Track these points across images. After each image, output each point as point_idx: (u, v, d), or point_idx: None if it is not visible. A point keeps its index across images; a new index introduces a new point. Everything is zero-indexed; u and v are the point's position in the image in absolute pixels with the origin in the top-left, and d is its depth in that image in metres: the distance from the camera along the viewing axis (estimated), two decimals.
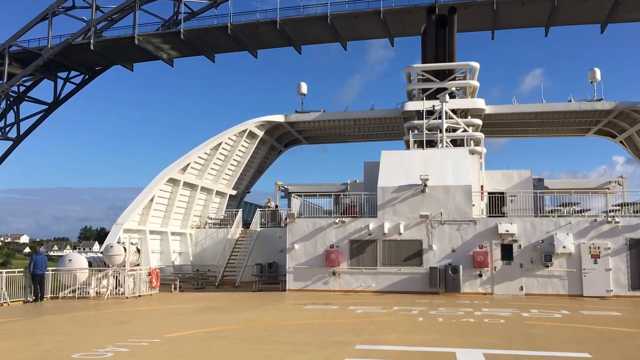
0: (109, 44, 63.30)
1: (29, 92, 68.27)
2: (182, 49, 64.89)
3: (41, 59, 62.35)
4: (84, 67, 67.68)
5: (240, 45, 63.90)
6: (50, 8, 62.86)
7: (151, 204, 32.70)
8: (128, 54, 65.65)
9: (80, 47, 62.73)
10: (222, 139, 37.47)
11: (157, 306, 21.94)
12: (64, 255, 27.17)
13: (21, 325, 17.13)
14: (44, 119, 68.24)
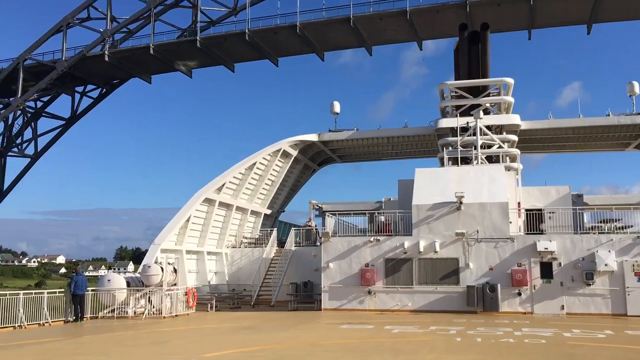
0: (124, 54, 61.19)
1: (47, 107, 66.73)
2: (200, 59, 62.38)
3: (55, 72, 60.50)
4: (101, 80, 65.56)
5: (259, 53, 60.94)
6: (65, 20, 61.02)
7: (187, 224, 33.11)
8: (144, 66, 63.30)
9: (95, 58, 60.78)
10: (256, 158, 37.84)
11: (194, 326, 22.11)
12: (103, 276, 27.68)
13: (62, 345, 17.47)
14: (61, 134, 66.55)
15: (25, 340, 17.77)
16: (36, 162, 65.73)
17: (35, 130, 65.96)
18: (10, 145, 64.22)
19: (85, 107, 67.39)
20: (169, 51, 61.10)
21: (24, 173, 66.23)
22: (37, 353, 15.42)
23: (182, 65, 63.18)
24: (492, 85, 39.60)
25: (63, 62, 60.56)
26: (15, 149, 64.75)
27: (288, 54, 62.42)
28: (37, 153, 65.47)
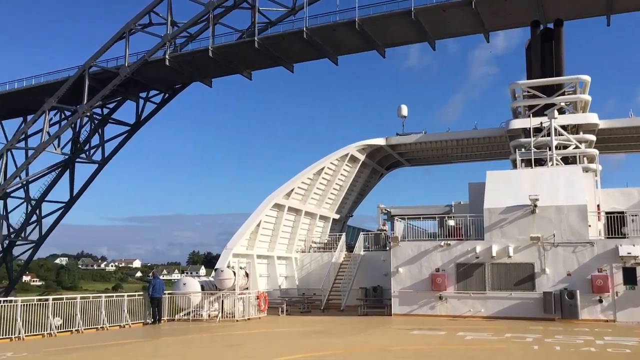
0: (184, 58, 60.76)
1: (113, 114, 67.71)
2: (259, 60, 61.06)
3: (119, 78, 60.70)
4: (163, 85, 65.46)
5: (318, 52, 59.14)
6: (127, 26, 61.19)
7: (258, 229, 33.70)
8: (204, 69, 62.48)
9: (156, 63, 60.64)
10: (324, 163, 38.06)
11: (266, 329, 22.46)
12: (179, 280, 28.61)
13: (142, 346, 18.18)
14: (127, 140, 67.43)
15: (108, 342, 18.62)
16: (104, 167, 67.07)
17: (102, 137, 67.12)
18: (78, 152, 65.71)
19: (148, 113, 67.47)
20: (228, 53, 60.12)
21: (93, 178, 67.69)
22: (118, 354, 16.12)
23: (242, 67, 62.04)
24: (567, 84, 38.10)
25: (126, 68, 60.99)
26: (84, 155, 65.99)
27: (348, 52, 60.45)
28: (104, 159, 66.68)
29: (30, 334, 19.74)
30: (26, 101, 65.51)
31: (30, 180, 65.13)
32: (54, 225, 66.95)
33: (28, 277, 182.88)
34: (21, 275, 71.71)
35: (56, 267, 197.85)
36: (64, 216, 66.65)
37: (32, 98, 64.27)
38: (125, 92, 64.45)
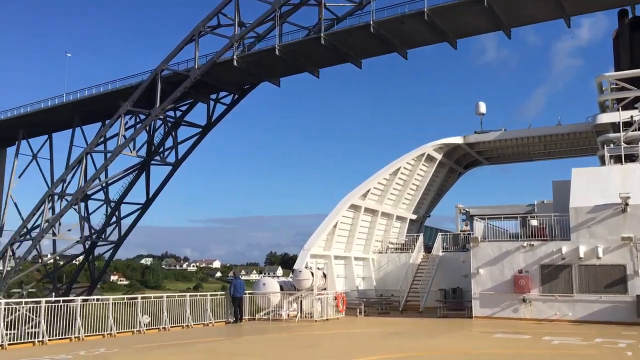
0: (251, 58, 60.24)
1: (185, 116, 67.75)
2: (326, 57, 59.59)
3: (189, 80, 60.99)
4: (232, 86, 65.23)
5: (387, 46, 56.87)
6: (196, 29, 61.35)
7: (335, 229, 33.83)
8: (272, 68, 61.76)
9: (225, 65, 60.40)
10: (400, 163, 37.70)
11: (344, 330, 22.52)
12: (259, 280, 29.22)
13: (225, 344, 18.72)
14: (199, 142, 67.27)
15: (193, 339, 19.29)
16: (177, 169, 68.11)
17: (175, 139, 67.37)
18: (153, 154, 66.94)
19: (219, 114, 67.64)
20: (295, 51, 58.94)
21: (167, 180, 68.73)
22: (204, 351, 16.67)
23: (309, 65, 60.68)
24: None
25: (196, 70, 61.12)
26: (158, 158, 67.16)
27: (417, 45, 58.13)
28: (177, 160, 67.57)
29: (121, 331, 20.75)
30: (104, 106, 67.09)
31: (109, 183, 67.14)
32: (132, 226, 69.11)
33: (115, 277, 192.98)
34: (102, 274, 74.65)
35: (141, 267, 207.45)
36: (142, 217, 68.52)
37: (109, 103, 66.05)
38: (196, 94, 65.03)
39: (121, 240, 68.15)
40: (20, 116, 72.30)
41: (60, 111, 70.24)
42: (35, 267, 71.40)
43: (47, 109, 70.72)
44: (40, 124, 72.87)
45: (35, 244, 62.61)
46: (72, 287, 69.15)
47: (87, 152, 65.24)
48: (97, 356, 15.55)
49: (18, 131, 73.59)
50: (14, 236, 65.34)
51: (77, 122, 70.41)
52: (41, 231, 62.64)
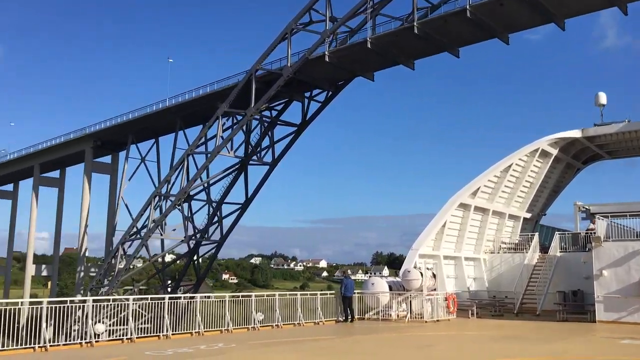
0: (343, 53, 57.92)
1: (281, 115, 66.57)
2: (420, 47, 56.00)
3: (282, 78, 59.39)
4: (326, 82, 63.31)
5: (486, 32, 52.59)
6: (288, 26, 60.07)
7: (443, 229, 33.12)
8: (365, 62, 59.03)
9: (317, 61, 58.50)
10: (512, 160, 36.19)
11: (456, 332, 22.00)
12: (367, 280, 29.28)
13: (336, 343, 18.94)
14: (294, 141, 66.31)
15: (304, 337, 19.71)
16: (274, 169, 67.39)
17: (272, 139, 66.60)
18: (250, 154, 66.67)
19: (313, 112, 66.02)
20: (387, 43, 55.57)
21: (265, 180, 68.38)
22: (315, 349, 16.99)
23: (403, 57, 57.34)
24: None
25: (288, 68, 59.62)
26: (255, 158, 66.83)
27: (520, 28, 53.44)
28: (274, 160, 66.55)
29: (236, 327, 21.64)
30: (204, 108, 67.83)
31: (210, 183, 68.06)
32: (233, 226, 69.66)
33: (227, 275, 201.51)
34: (207, 272, 75.59)
35: (251, 267, 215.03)
36: (242, 217, 69.00)
37: (208, 105, 66.62)
38: (290, 92, 63.95)
39: (223, 240, 69.08)
40: (128, 122, 75.03)
41: (164, 115, 72.17)
42: (144, 265, 75.26)
43: (151, 113, 72.71)
44: (147, 128, 75.17)
45: (143, 243, 64.88)
46: (179, 285, 71.37)
47: (188, 153, 65.81)
48: (216, 350, 16.32)
49: (128, 136, 76.53)
50: (124, 236, 67.70)
51: (179, 125, 72.22)
52: (148, 231, 64.72)
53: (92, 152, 78.31)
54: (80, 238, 78.03)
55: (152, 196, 66.96)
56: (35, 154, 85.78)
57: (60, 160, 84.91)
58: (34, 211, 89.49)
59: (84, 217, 78.00)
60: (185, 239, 66.53)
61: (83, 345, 17.36)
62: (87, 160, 78.63)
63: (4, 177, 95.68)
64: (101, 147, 78.47)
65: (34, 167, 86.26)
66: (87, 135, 78.01)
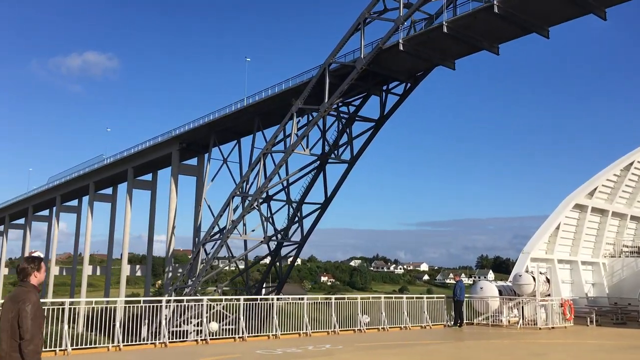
0: (418, 39, 53.15)
1: (359, 111, 63.36)
2: (503, 29, 50.79)
3: (355, 71, 55.48)
4: (403, 74, 58.94)
5: (579, 7, 47.21)
6: (361, 16, 56.26)
7: (557, 231, 31.46)
8: (443, 49, 54.26)
9: (391, 50, 54.23)
10: (634, 157, 33.66)
11: (574, 340, 20.80)
12: (476, 284, 28.40)
13: (445, 348, 18.56)
14: (372, 137, 62.98)
15: (411, 341, 19.47)
16: (353, 166, 64.18)
17: (350, 135, 63.66)
18: (328, 152, 63.49)
19: (392, 106, 61.98)
20: (466, 26, 50.66)
21: (344, 178, 65.25)
22: (423, 353, 16.74)
23: (485, 41, 52.37)
24: None
25: (362, 60, 55.43)
26: (333, 155, 63.54)
27: (616, 2, 47.55)
28: (353, 158, 63.65)
29: (343, 329, 21.80)
30: (280, 106, 64.26)
31: (289, 183, 66.17)
32: (313, 226, 67.29)
33: (325, 277, 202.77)
34: (288, 274, 73.75)
35: (350, 269, 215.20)
36: (322, 217, 66.67)
37: (284, 103, 63.75)
38: (366, 86, 59.65)
39: (304, 240, 67.28)
40: (209, 123, 73.41)
41: (241, 115, 70.24)
42: (224, 266, 73.32)
43: (230, 114, 70.95)
44: (228, 129, 73.48)
45: (222, 243, 63.27)
46: (262, 286, 70.34)
47: (264, 152, 63.46)
48: (324, 351, 16.54)
49: (210, 137, 75.59)
50: (205, 236, 66.76)
51: (257, 124, 69.60)
52: (226, 231, 63.38)
53: (179, 154, 78.68)
54: (168, 239, 78.82)
55: (230, 196, 65.30)
56: (128, 158, 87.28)
57: (152, 163, 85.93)
58: (128, 213, 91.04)
59: (171, 219, 78.59)
60: (264, 240, 65.51)
61: (199, 342, 18.26)
62: (174, 163, 79.04)
63: (103, 181, 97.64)
64: (187, 149, 78.49)
65: (128, 170, 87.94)
66: (173, 138, 78.51)
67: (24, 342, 6.04)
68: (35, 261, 6.50)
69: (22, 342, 6.04)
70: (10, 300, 6.29)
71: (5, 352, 6.07)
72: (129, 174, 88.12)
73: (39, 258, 6.67)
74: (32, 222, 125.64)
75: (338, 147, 63.67)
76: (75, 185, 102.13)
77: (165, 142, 79.90)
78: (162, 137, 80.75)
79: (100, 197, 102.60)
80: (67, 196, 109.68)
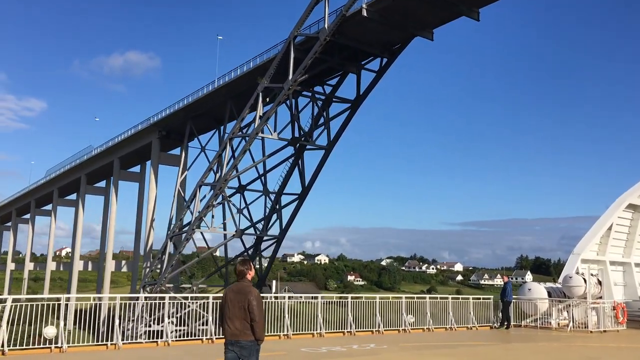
0: (385, 4, 45.80)
1: (337, 91, 57.18)
2: None
3: (319, 43, 48.94)
4: (377, 47, 52.19)
5: None
6: None
7: (609, 232, 30.51)
8: (417, 16, 47.71)
9: (355, 18, 47.61)
10: None
11: (627, 344, 20.14)
12: (524, 285, 27.82)
13: (492, 350, 18.24)
14: (349, 119, 57.03)
15: (457, 341, 19.23)
16: (330, 152, 58.48)
17: (327, 118, 57.60)
18: (301, 137, 57.46)
19: (368, 84, 55.50)
20: None
21: (321, 166, 59.37)
22: (469, 355, 16.50)
23: (462, 4, 45.90)
24: None
25: (325, 30, 49.01)
26: (305, 140, 57.43)
27: None
28: (330, 143, 57.66)
29: (387, 328, 21.69)
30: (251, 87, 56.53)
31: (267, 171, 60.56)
32: (291, 219, 60.85)
33: (352, 277, 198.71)
34: (268, 271, 66.18)
35: (378, 268, 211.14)
36: (300, 209, 60.30)
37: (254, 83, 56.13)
38: (335, 61, 53.03)
39: (282, 234, 61.02)
40: (184, 107, 67.34)
41: (214, 98, 63.70)
42: (193, 262, 69.02)
43: (203, 96, 64.60)
44: (205, 115, 67.00)
45: (187, 237, 57.96)
46: None
47: (230, 137, 57.58)
48: (368, 351, 16.51)
49: (186, 124, 68.89)
50: (172, 229, 61.92)
51: (230, 107, 62.55)
52: (191, 224, 57.95)
53: (159, 143, 73.62)
54: (146, 233, 72.89)
55: (197, 186, 59.94)
56: (113, 148, 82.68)
57: (138, 154, 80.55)
58: (113, 205, 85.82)
59: (150, 211, 73.14)
60: (236, 234, 60.59)
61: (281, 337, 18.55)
62: (154, 152, 73.90)
63: (94, 173, 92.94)
64: (168, 137, 72.87)
65: (114, 161, 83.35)
66: (152, 125, 72.93)
67: (255, 323, 8.20)
68: (247, 263, 8.60)
69: (254, 323, 8.20)
70: (238, 293, 8.36)
71: (240, 330, 8.25)
72: (115, 165, 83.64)
73: (249, 260, 8.78)
74: (35, 217, 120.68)
75: (313, 131, 57.60)
76: (68, 178, 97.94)
77: (145, 130, 74.76)
78: (142, 125, 75.56)
79: (94, 190, 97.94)
80: (64, 190, 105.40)
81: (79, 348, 16.09)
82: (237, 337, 8.29)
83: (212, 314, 18.05)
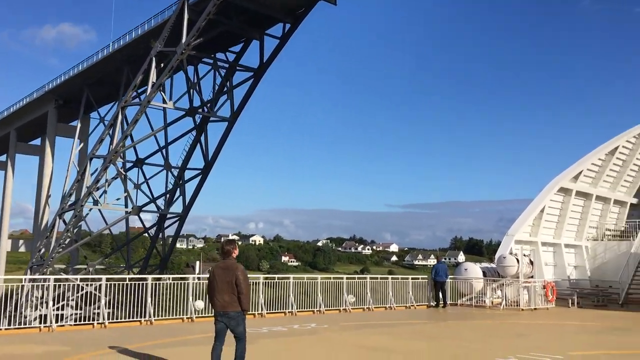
0: None
1: (240, 59, 54.87)
2: None
3: (212, 2, 45.84)
4: (279, 11, 49.88)
5: None
6: None
7: (542, 214, 31.83)
8: None
9: None
10: (618, 142, 34.02)
11: (555, 321, 21.14)
12: (460, 265, 28.71)
13: (429, 328, 18.79)
14: (253, 89, 54.35)
15: (396, 320, 19.67)
16: (234, 124, 55.76)
17: (230, 88, 54.92)
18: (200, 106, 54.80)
19: (271, 52, 53.59)
20: None
21: (225, 138, 56.89)
22: (409, 332, 16.97)
23: None
24: None
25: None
26: (205, 109, 55.03)
27: None
28: (233, 114, 55.03)
29: (328, 308, 21.95)
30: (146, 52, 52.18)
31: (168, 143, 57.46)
32: (195, 195, 58.46)
33: (286, 258, 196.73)
34: (171, 251, 62.77)
35: (313, 249, 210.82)
36: (203, 184, 57.93)
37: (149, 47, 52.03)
38: (234, 25, 50.37)
39: (186, 212, 58.29)
40: (78, 74, 62.26)
41: (110, 63, 58.86)
42: (84, 241, 64.53)
43: (97, 62, 59.61)
44: (103, 82, 61.80)
45: (75, 214, 54.16)
46: (147, 265, 60.33)
47: (122, 106, 53.99)
48: (309, 330, 16.67)
49: (83, 92, 63.83)
50: (61, 206, 57.59)
51: (126, 73, 57.53)
52: (80, 200, 54.43)
53: (56, 113, 68.29)
54: (41, 211, 68.68)
55: (88, 159, 56.25)
56: (9, 118, 77.15)
57: (37, 125, 73.94)
58: (9, 181, 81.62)
59: (45, 186, 68.83)
60: (132, 211, 57.51)
61: (185, 320, 18.29)
62: (50, 122, 68.67)
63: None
64: (65, 106, 67.35)
65: (11, 133, 77.87)
66: (47, 93, 67.73)
67: (243, 295, 8.94)
68: (233, 243, 9.41)
69: (242, 295, 8.94)
70: (225, 270, 9.03)
71: (228, 302, 8.92)
72: (12, 137, 78.28)
73: (234, 241, 9.65)
74: None
75: (216, 102, 55.04)
76: None
77: (40, 98, 69.55)
78: (37, 93, 70.32)
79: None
80: None
81: None
82: (226, 308, 8.96)
83: (104, 297, 16.64)
